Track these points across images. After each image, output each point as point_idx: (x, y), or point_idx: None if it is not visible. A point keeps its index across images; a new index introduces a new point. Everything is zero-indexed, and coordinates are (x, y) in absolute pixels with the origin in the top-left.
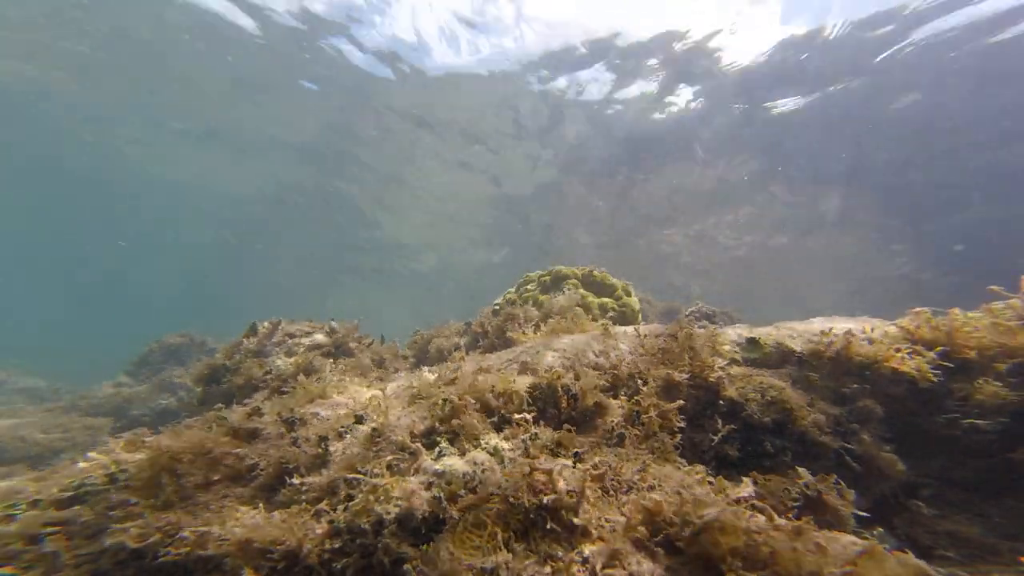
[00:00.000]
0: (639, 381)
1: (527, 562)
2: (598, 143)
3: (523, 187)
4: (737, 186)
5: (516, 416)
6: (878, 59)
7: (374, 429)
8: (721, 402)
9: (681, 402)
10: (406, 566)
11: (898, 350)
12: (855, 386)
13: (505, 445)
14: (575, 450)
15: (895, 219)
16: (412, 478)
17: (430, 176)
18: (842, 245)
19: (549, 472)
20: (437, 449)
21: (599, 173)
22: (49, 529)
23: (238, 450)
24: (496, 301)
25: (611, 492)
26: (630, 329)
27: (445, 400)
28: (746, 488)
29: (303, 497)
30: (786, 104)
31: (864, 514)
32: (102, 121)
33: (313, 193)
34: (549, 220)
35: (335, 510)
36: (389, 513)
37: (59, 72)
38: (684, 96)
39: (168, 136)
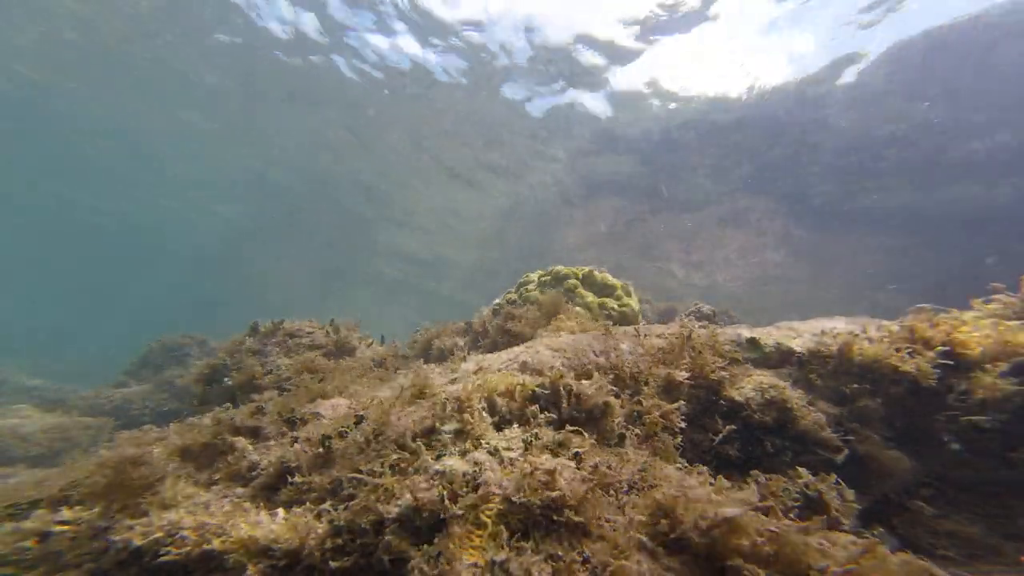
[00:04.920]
0: (639, 381)
1: (528, 562)
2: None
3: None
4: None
5: (517, 416)
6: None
7: (375, 429)
8: (721, 402)
9: (682, 402)
10: (408, 565)
11: (898, 350)
12: (855, 386)
13: (506, 445)
14: (576, 450)
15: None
16: (413, 477)
17: (433, 184)
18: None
19: (550, 472)
20: (438, 449)
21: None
22: (54, 528)
23: (241, 448)
24: (496, 301)
25: (612, 492)
26: (630, 329)
27: (446, 399)
28: (751, 493)
29: (305, 497)
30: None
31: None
32: (105, 120)
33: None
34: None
35: (336, 510)
36: (390, 512)
37: (63, 71)
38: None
39: (174, 135)
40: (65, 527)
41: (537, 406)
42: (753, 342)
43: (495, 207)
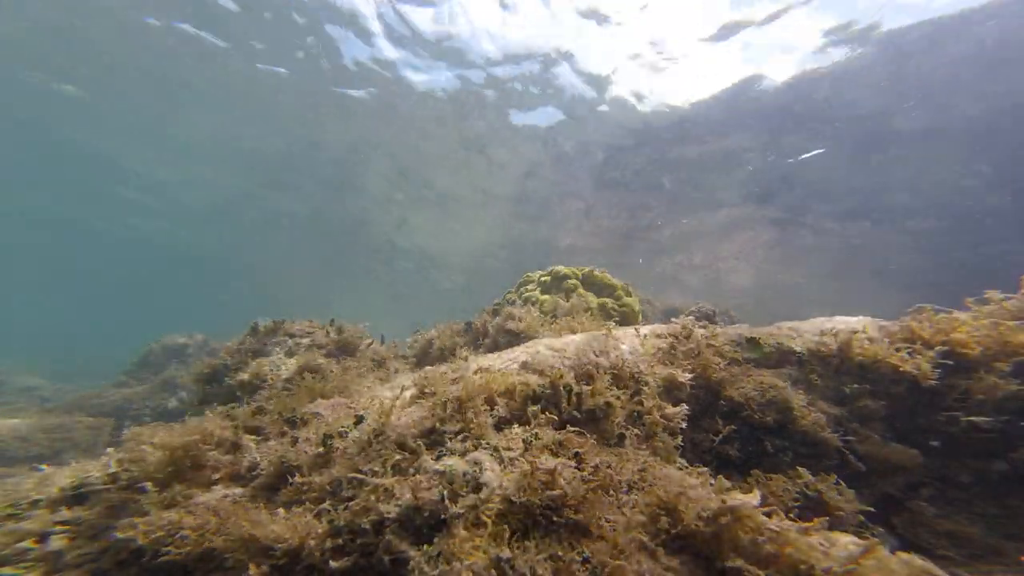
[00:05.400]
0: (640, 381)
1: (532, 560)
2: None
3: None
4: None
5: (517, 416)
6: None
7: (375, 429)
8: (722, 402)
9: (684, 406)
10: (409, 565)
11: (898, 349)
12: (856, 386)
13: (506, 445)
14: (576, 450)
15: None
16: (413, 478)
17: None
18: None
19: (550, 472)
20: (438, 449)
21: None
22: (54, 528)
23: (245, 446)
24: (496, 301)
25: (612, 492)
26: (630, 329)
27: (447, 400)
28: (754, 498)
29: (305, 496)
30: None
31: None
32: (105, 121)
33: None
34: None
35: (336, 509)
36: (390, 512)
37: (67, 77)
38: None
39: (172, 137)
40: (65, 527)
41: (537, 406)
42: (753, 342)
43: (498, 209)
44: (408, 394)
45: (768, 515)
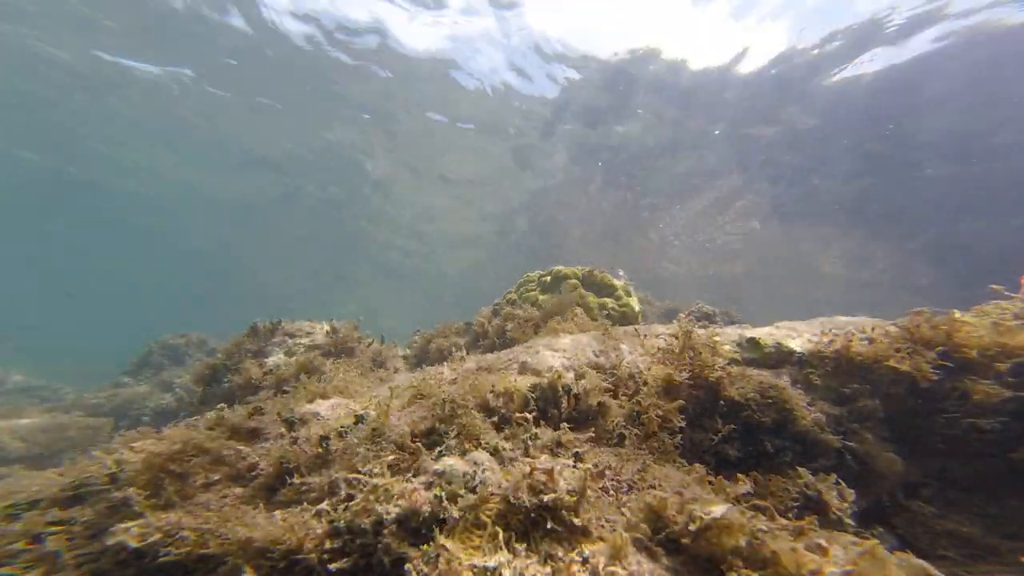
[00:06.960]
0: (639, 381)
1: (527, 562)
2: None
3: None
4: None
5: (517, 416)
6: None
7: (374, 429)
8: (721, 402)
9: (681, 402)
10: (407, 566)
11: (898, 350)
12: (855, 386)
13: (505, 445)
14: (575, 450)
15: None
16: (412, 478)
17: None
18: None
19: (549, 472)
20: (437, 449)
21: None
22: (51, 528)
23: (240, 448)
24: (496, 301)
25: (611, 492)
26: (630, 329)
27: (446, 400)
28: (743, 486)
29: (303, 497)
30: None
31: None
32: (105, 126)
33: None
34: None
35: (335, 510)
36: (389, 513)
37: (62, 79)
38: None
39: (170, 141)
40: (58, 527)
41: (536, 406)
42: (753, 342)
43: (501, 194)
44: (407, 394)
45: (763, 511)
